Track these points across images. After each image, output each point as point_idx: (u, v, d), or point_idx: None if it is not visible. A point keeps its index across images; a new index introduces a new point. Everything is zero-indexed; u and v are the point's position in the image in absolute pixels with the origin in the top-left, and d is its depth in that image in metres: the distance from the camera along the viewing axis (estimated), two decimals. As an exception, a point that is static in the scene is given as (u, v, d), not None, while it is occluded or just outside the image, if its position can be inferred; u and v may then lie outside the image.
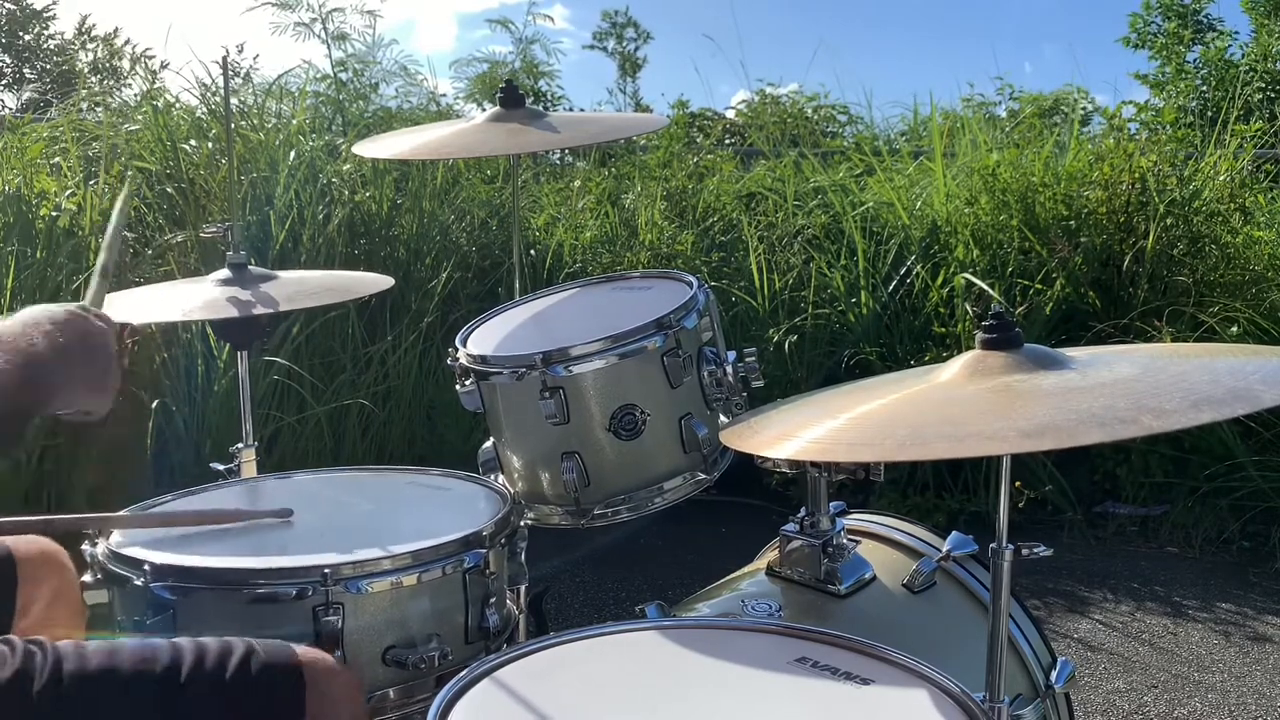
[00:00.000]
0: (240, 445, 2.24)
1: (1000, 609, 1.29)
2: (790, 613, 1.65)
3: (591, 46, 19.56)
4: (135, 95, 5.22)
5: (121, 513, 1.62)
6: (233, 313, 2.00)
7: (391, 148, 2.36)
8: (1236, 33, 10.48)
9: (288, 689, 1.23)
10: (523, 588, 1.78)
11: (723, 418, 1.80)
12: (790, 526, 1.75)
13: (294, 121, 4.95)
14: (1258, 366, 1.15)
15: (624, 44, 19.41)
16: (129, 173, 4.33)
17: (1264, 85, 9.15)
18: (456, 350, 1.84)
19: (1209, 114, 6.54)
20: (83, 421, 1.35)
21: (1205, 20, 11.52)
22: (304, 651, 1.28)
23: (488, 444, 1.89)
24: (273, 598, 1.40)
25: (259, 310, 2.01)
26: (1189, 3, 11.62)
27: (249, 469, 2.21)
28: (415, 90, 5.81)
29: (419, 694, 1.47)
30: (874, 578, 1.71)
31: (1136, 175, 4.45)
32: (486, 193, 5.02)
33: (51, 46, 18.17)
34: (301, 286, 2.17)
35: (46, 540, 1.58)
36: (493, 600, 1.56)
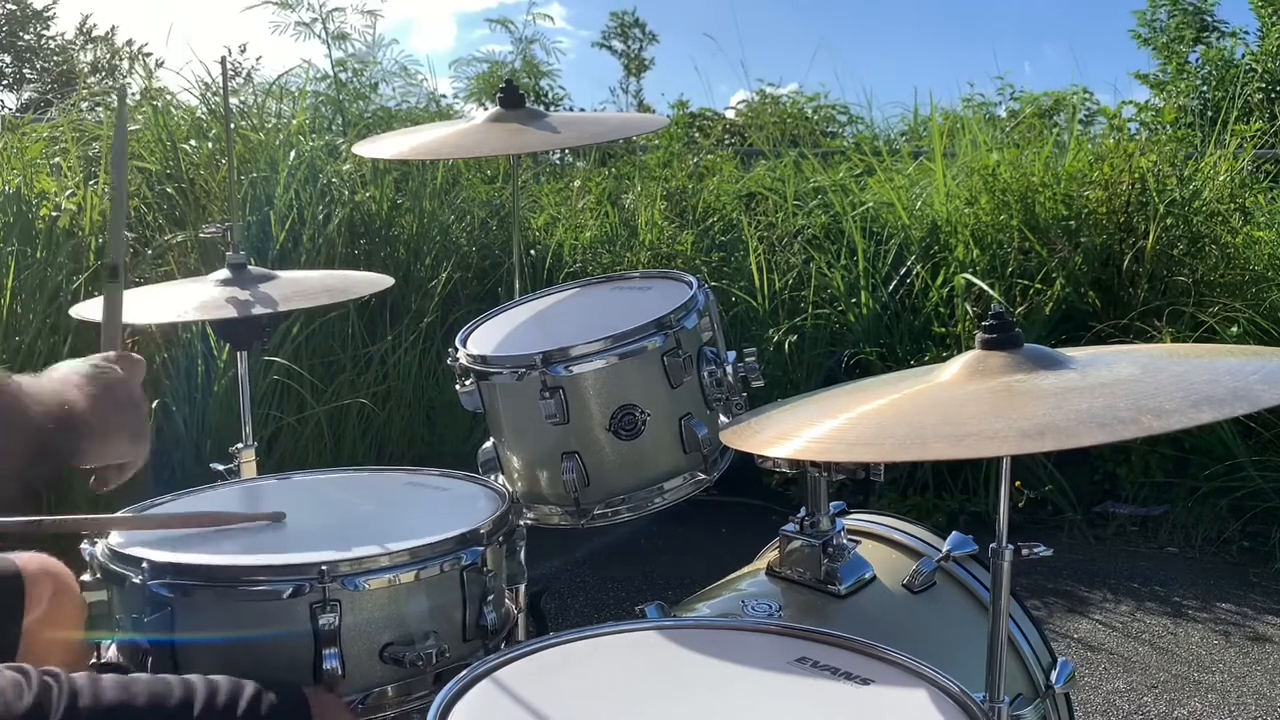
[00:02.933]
0: (240, 445, 2.23)
1: (1000, 609, 1.29)
2: (790, 613, 1.65)
3: (599, 45, 19.54)
4: (134, 94, 5.21)
5: (115, 514, 1.62)
6: (232, 313, 2.00)
7: (391, 148, 2.36)
8: (1246, 32, 10.41)
9: None
10: (521, 587, 1.78)
11: (723, 418, 1.80)
12: (790, 526, 1.74)
13: (294, 121, 4.95)
14: (1258, 366, 1.15)
15: (630, 44, 19.39)
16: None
17: (1264, 85, 9.13)
18: (456, 350, 1.84)
19: (1209, 114, 6.53)
20: (113, 476, 1.39)
21: (1209, 20, 11.47)
22: (313, 693, 1.31)
23: (488, 444, 1.89)
24: (270, 595, 1.40)
25: (259, 310, 2.01)
26: (1195, 1, 11.58)
27: (249, 469, 2.21)
28: (415, 90, 5.83)
29: (416, 691, 1.47)
30: (874, 578, 1.71)
31: (1136, 175, 4.45)
32: (486, 193, 5.02)
33: (51, 46, 18.20)
34: (301, 286, 2.16)
35: (53, 560, 1.58)
36: (490, 598, 1.56)
